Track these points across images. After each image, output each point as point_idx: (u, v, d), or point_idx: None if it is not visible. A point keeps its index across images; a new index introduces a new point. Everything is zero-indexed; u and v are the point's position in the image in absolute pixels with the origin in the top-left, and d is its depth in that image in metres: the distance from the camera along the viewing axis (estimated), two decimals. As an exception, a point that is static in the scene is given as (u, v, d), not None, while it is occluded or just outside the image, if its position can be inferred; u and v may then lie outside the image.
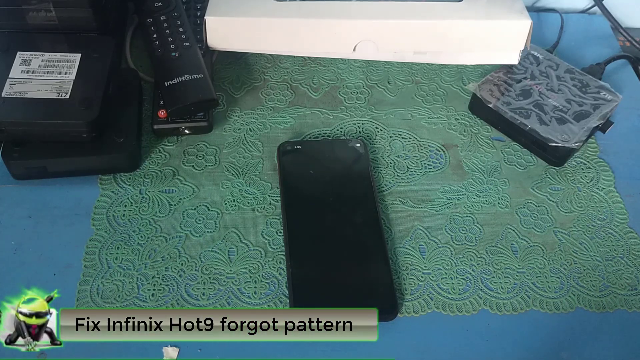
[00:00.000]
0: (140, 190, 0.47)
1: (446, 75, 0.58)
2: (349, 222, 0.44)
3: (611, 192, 0.50)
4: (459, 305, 0.42)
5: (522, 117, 0.50)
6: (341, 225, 0.44)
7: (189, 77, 0.49)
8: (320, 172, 0.47)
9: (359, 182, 0.47)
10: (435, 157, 0.51)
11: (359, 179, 0.47)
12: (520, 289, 0.43)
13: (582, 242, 0.46)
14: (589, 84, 0.54)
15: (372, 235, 0.43)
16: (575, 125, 0.50)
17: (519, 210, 0.48)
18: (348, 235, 0.43)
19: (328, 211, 0.44)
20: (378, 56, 0.56)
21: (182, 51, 0.50)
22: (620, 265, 0.45)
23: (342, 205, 0.45)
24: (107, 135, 0.46)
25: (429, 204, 0.48)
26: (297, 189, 0.46)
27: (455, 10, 0.52)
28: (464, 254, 0.45)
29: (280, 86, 0.56)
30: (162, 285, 0.42)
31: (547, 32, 0.64)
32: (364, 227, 0.44)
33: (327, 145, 0.50)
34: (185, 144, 0.50)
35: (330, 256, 0.42)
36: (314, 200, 0.45)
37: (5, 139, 0.45)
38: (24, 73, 0.45)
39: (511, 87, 0.53)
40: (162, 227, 0.45)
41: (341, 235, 0.43)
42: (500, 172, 0.50)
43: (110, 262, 0.43)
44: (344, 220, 0.44)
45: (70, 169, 0.46)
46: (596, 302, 0.43)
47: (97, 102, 0.44)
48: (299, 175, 0.47)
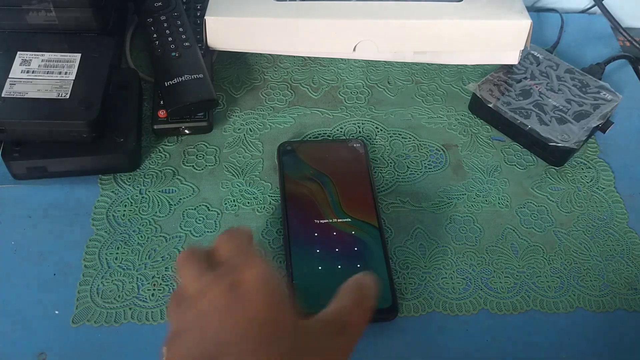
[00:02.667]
0: (140, 190, 0.47)
1: (446, 75, 0.58)
2: (349, 222, 0.44)
3: (611, 192, 0.50)
4: (459, 305, 0.42)
5: (522, 117, 0.50)
6: (341, 225, 0.44)
7: (189, 77, 0.49)
8: (320, 172, 0.47)
9: (359, 182, 0.47)
10: (435, 157, 0.51)
11: (358, 179, 0.47)
12: (520, 289, 0.43)
13: (582, 242, 0.46)
14: (589, 84, 0.54)
15: (372, 235, 0.43)
16: (575, 125, 0.50)
17: (519, 210, 0.48)
18: (348, 235, 0.43)
19: (328, 211, 0.44)
20: (378, 56, 0.56)
21: (182, 51, 0.50)
22: (620, 265, 0.45)
23: (342, 205, 0.45)
24: (107, 135, 0.46)
25: (429, 204, 0.48)
26: (297, 188, 0.46)
27: (455, 10, 0.52)
28: (464, 254, 0.45)
29: (280, 86, 0.56)
30: (162, 285, 0.42)
31: (547, 32, 0.64)
32: (364, 227, 0.44)
33: (327, 145, 0.50)
34: (185, 144, 0.50)
35: (331, 256, 0.42)
36: (314, 199, 0.45)
37: (5, 139, 0.45)
38: (24, 73, 0.45)
39: (511, 87, 0.53)
40: (162, 227, 0.45)
41: (341, 235, 0.43)
42: (500, 172, 0.50)
43: (110, 262, 0.43)
44: (344, 220, 0.44)
45: (70, 169, 0.46)
46: (596, 302, 0.43)
47: (97, 102, 0.44)
48: (299, 175, 0.47)
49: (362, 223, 0.44)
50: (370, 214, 0.44)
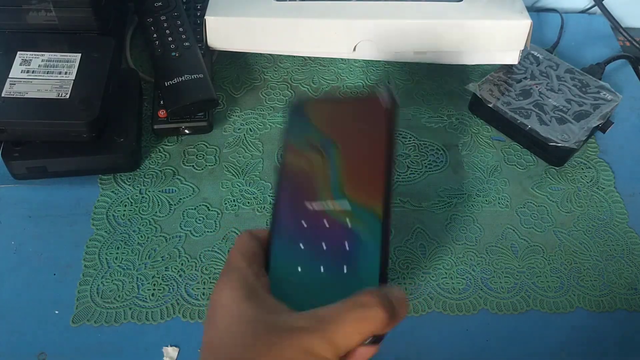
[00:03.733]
0: (140, 190, 0.47)
1: (446, 75, 0.58)
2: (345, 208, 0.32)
3: (611, 192, 0.50)
4: (459, 305, 0.42)
5: (522, 117, 0.50)
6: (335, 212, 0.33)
7: (189, 77, 0.49)
8: (328, 138, 0.35)
9: (371, 152, 0.34)
10: (435, 157, 0.51)
11: (372, 147, 0.34)
12: (520, 288, 0.43)
13: (582, 242, 0.46)
14: (589, 84, 0.54)
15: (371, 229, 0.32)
16: (575, 125, 0.50)
17: (519, 210, 0.48)
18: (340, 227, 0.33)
19: (324, 190, 0.33)
20: (378, 56, 0.56)
21: (182, 51, 0.50)
22: (620, 265, 0.45)
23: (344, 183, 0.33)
24: (107, 135, 0.46)
25: (429, 204, 0.48)
26: (297, 160, 0.35)
27: (455, 10, 0.52)
28: (464, 254, 0.45)
29: (280, 86, 0.56)
30: (162, 285, 0.42)
31: (547, 32, 0.64)
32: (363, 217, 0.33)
33: (346, 103, 0.37)
34: (185, 143, 0.50)
35: (315, 254, 0.33)
36: (312, 175, 0.34)
37: (5, 139, 0.45)
38: (24, 73, 0.45)
39: (511, 87, 0.53)
40: (162, 227, 0.45)
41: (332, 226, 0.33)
42: (500, 172, 0.50)
43: (110, 262, 0.43)
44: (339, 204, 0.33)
45: (70, 169, 0.46)
46: (596, 302, 0.43)
47: (97, 102, 0.44)
48: (304, 142, 0.35)
49: (362, 210, 0.32)
50: (374, 198, 0.32)
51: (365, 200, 0.33)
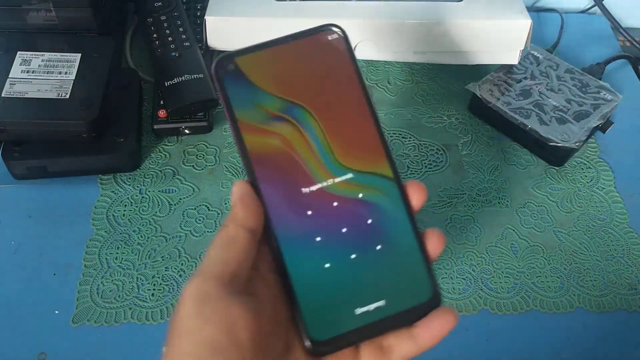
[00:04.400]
0: (140, 190, 0.47)
1: (446, 75, 0.58)
2: (351, 180, 0.28)
3: (611, 192, 0.50)
4: (459, 305, 0.42)
5: (522, 117, 0.50)
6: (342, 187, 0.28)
7: (189, 77, 0.49)
8: (289, 101, 0.28)
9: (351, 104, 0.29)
10: (435, 157, 0.51)
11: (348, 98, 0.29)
12: (520, 288, 0.43)
13: (582, 242, 0.46)
14: (589, 84, 0.53)
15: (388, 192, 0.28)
16: (575, 125, 0.50)
17: (519, 210, 0.48)
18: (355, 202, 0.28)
19: (317, 167, 0.28)
20: (378, 56, 0.56)
21: (182, 51, 0.50)
22: (620, 265, 0.45)
23: (336, 153, 0.28)
24: (107, 135, 0.46)
25: (429, 204, 0.48)
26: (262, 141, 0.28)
27: (455, 10, 0.52)
28: (464, 254, 0.45)
29: (280, 86, 0.56)
30: (162, 285, 0.42)
31: (547, 32, 0.64)
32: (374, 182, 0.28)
33: (287, 50, 0.30)
34: (185, 143, 0.50)
35: (337, 243, 0.28)
36: (292, 153, 0.28)
37: (5, 139, 0.45)
38: (24, 73, 0.45)
39: (511, 87, 0.53)
40: (162, 227, 0.45)
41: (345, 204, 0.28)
42: (500, 172, 0.50)
43: (110, 262, 0.43)
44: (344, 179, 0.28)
45: (70, 169, 0.46)
46: (596, 302, 0.43)
47: (97, 102, 0.44)
48: (259, 114, 0.28)
49: (369, 176, 0.28)
50: (377, 157, 0.28)
51: (369, 164, 0.28)
